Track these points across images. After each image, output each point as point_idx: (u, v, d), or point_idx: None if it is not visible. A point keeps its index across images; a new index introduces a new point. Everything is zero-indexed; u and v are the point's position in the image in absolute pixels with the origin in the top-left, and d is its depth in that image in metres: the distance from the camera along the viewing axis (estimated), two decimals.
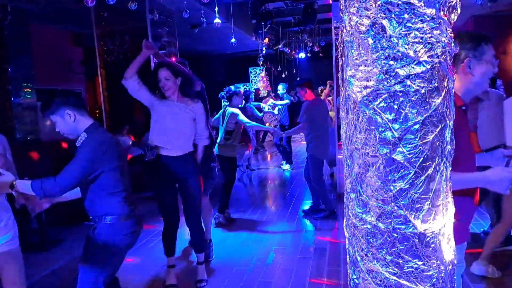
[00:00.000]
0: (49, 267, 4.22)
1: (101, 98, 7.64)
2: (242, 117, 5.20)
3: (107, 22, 7.30)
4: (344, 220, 1.41)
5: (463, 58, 1.82)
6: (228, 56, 15.30)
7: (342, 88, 1.30)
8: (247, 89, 13.71)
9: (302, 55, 13.07)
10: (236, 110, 5.25)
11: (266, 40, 10.00)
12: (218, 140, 5.27)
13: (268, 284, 3.65)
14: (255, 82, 15.96)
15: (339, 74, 1.32)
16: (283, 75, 14.00)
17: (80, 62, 9.36)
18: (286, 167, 9.25)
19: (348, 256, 1.42)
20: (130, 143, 7.71)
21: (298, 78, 7.39)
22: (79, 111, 2.46)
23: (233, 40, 7.21)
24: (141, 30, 6.74)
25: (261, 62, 12.47)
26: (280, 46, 11.16)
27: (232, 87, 5.49)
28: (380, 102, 1.15)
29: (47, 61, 7.80)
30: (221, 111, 5.46)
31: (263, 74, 15.65)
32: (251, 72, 16.13)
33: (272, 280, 3.72)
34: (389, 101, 1.14)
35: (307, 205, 6.06)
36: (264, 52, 10.93)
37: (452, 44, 1.12)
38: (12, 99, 6.25)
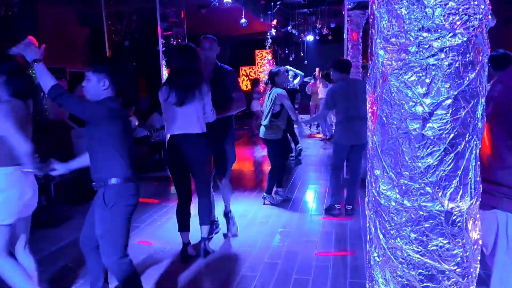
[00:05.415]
0: (57, 243, 4.26)
1: None
2: (288, 101, 5.06)
3: (116, 2, 7.22)
4: (366, 198, 1.38)
5: None
6: (234, 39, 15.14)
7: (370, 62, 1.26)
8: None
9: (310, 37, 12.87)
10: (283, 92, 5.08)
11: (274, 22, 9.88)
12: (263, 122, 5.20)
13: (274, 266, 3.65)
14: (261, 65, 15.83)
15: (369, 48, 1.27)
16: (291, 58, 13.86)
17: (87, 43, 9.31)
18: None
19: (368, 235, 1.40)
20: (137, 123, 7.70)
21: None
22: (113, 85, 2.68)
23: (243, 20, 7.12)
24: (149, 10, 6.66)
25: (268, 45, 12.32)
26: (288, 28, 11.02)
27: (272, 69, 5.45)
28: (412, 76, 1.11)
29: (54, 41, 7.75)
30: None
31: (269, 57, 15.52)
32: (257, 55, 15.99)
33: (278, 262, 3.72)
34: (421, 74, 1.10)
35: (312, 190, 6.05)
36: (272, 34, 10.79)
37: (490, 16, 1.08)
38: None
